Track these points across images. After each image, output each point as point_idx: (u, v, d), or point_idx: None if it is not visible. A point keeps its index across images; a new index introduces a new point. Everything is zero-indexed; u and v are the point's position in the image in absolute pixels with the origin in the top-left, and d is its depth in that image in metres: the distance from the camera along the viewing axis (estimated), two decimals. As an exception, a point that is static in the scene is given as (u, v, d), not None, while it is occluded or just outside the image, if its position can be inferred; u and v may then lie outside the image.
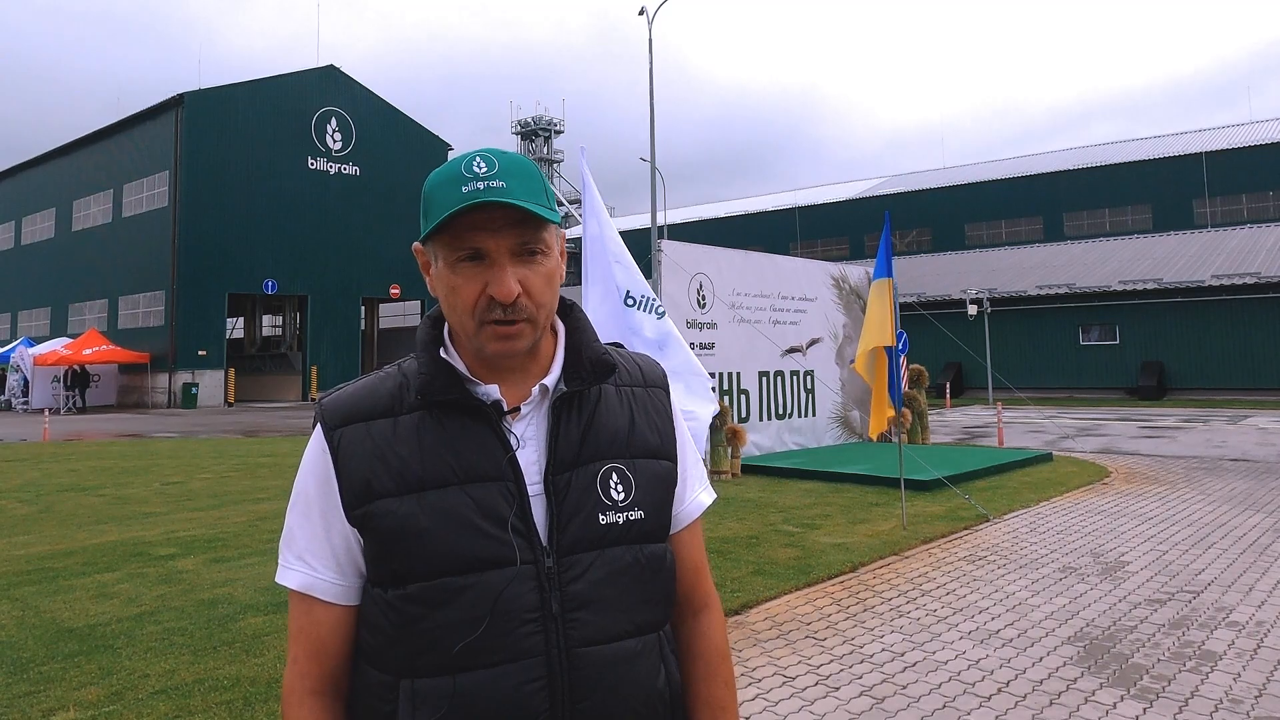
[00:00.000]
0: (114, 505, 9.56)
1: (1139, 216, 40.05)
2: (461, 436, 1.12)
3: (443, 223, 1.08)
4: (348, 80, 40.79)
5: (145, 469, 13.12)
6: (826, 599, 5.58)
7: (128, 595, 5.65)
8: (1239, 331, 27.56)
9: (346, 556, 1.13)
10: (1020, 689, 4.06)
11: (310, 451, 1.16)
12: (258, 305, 44.50)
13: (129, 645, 4.61)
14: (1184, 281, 28.67)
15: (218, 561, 6.59)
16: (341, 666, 1.15)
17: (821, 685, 4.14)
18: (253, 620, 5.05)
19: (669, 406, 1.28)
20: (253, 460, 14.13)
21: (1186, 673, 4.24)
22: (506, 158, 1.12)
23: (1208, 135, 42.20)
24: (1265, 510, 8.43)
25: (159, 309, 36.09)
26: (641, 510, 1.16)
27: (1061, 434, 17.00)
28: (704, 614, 1.30)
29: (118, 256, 38.79)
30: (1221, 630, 4.89)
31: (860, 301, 14.98)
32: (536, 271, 1.11)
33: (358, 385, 1.18)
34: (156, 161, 36.74)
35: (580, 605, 1.09)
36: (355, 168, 40.28)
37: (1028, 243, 41.88)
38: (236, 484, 11.14)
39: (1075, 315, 30.43)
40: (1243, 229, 34.79)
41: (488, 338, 1.11)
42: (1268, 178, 36.81)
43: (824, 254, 45.88)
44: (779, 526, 7.75)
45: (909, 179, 51.82)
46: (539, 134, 72.36)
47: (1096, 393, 29.65)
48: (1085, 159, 43.44)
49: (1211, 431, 17.17)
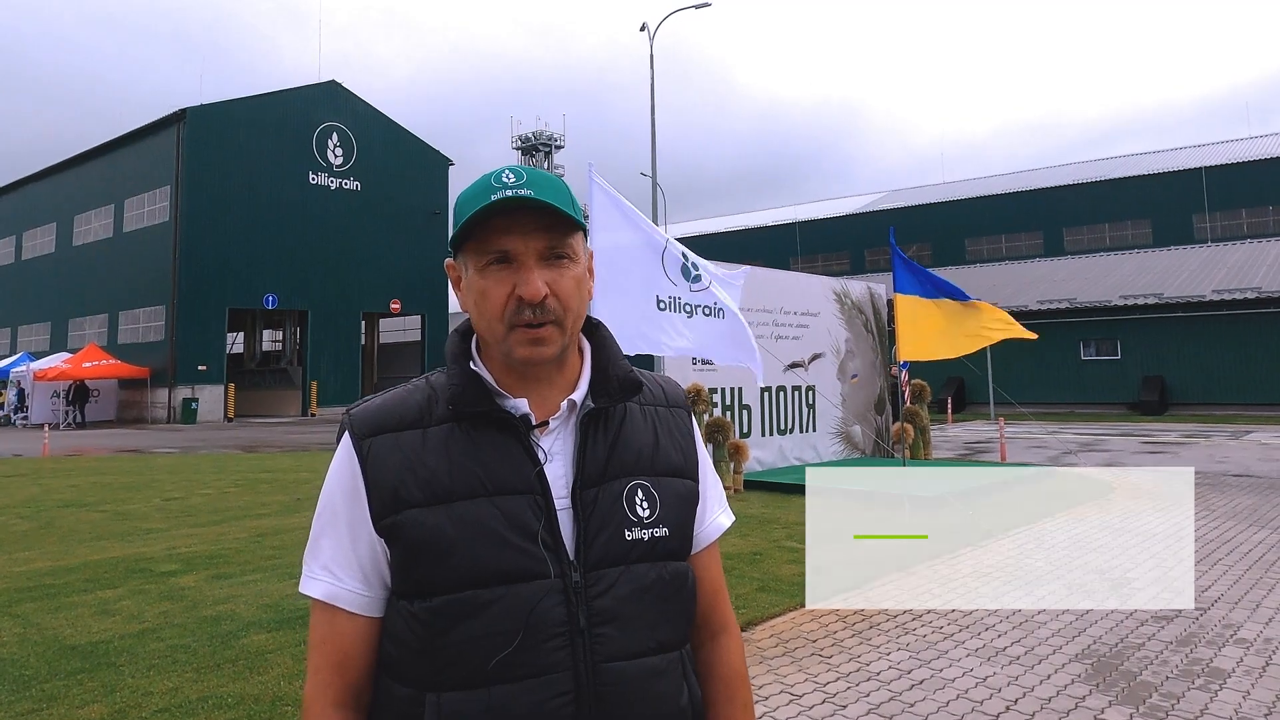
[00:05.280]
0: (115, 521, 9.52)
1: (1139, 231, 40.12)
2: (490, 449, 1.12)
3: (473, 230, 1.11)
4: (349, 95, 40.96)
5: (145, 484, 13.09)
6: (832, 616, 5.56)
7: (130, 612, 5.62)
8: (1240, 347, 27.55)
9: (372, 567, 1.13)
10: (1029, 707, 4.03)
11: (338, 461, 1.16)
12: (258, 320, 44.50)
13: (131, 663, 4.58)
14: (1185, 296, 28.69)
15: (220, 578, 6.56)
16: (364, 679, 1.14)
17: (829, 704, 4.11)
18: (256, 637, 5.02)
19: (691, 427, 1.29)
20: (253, 476, 14.09)
21: (1195, 690, 4.22)
22: (535, 172, 1.14)
23: (1207, 150, 42.31)
24: (1270, 526, 8.40)
25: (159, 324, 36.10)
26: (666, 528, 1.17)
27: (1064, 449, 16.97)
28: (723, 636, 1.30)
29: (118, 271, 38.83)
30: (1229, 647, 4.86)
31: (862, 317, 14.99)
32: (564, 275, 1.13)
33: (386, 397, 1.19)
34: (158, 176, 36.84)
35: (606, 620, 1.09)
36: (356, 183, 40.38)
37: (1028, 258, 41.92)
38: (237, 500, 11.11)
39: (1076, 330, 30.43)
40: (1243, 244, 34.84)
41: (516, 342, 1.11)
42: (1267, 193, 36.88)
43: (825, 269, 45.91)
44: (782, 543, 7.73)
45: (909, 194, 51.94)
46: (539, 149, 72.57)
47: (1098, 408, 29.61)
48: (1085, 174, 43.55)
49: (1214, 447, 17.13)
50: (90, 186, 41.66)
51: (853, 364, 14.60)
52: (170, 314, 35.15)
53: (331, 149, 39.69)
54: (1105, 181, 41.41)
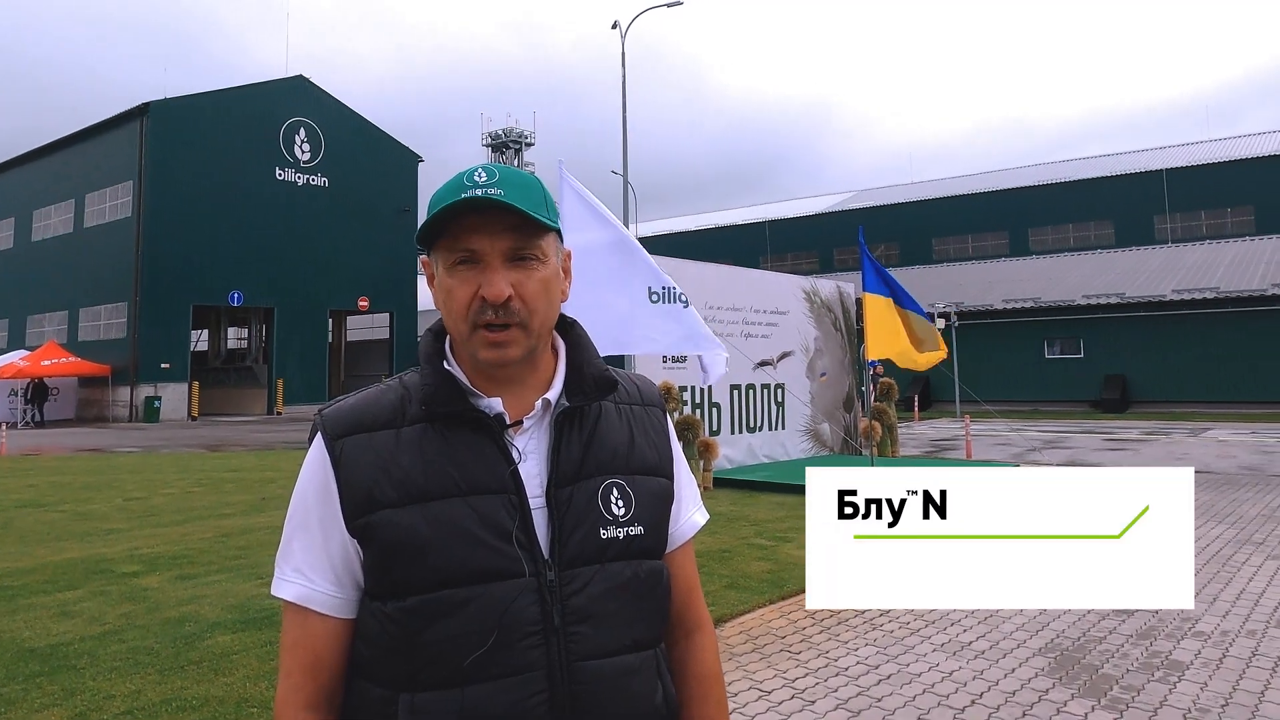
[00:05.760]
0: (75, 521, 9.35)
1: (1102, 232, 40.77)
2: (464, 448, 1.11)
3: (442, 228, 1.10)
4: (317, 91, 40.49)
5: (107, 484, 12.87)
6: (800, 612, 5.60)
7: (91, 614, 5.52)
8: (1199, 345, 28.13)
9: (345, 568, 1.12)
10: (993, 700, 4.09)
11: (310, 462, 1.14)
12: (223, 317, 43.89)
13: (92, 665, 4.50)
14: (1146, 296, 29.25)
15: (183, 579, 6.47)
16: (337, 681, 1.13)
17: (797, 699, 4.14)
18: (221, 638, 4.95)
19: (666, 425, 1.29)
20: (217, 475, 13.90)
21: (1155, 683, 4.30)
22: (508, 170, 1.14)
23: (1169, 153, 43.09)
24: (1226, 521, 8.58)
25: (121, 321, 35.43)
26: (641, 526, 1.16)
27: (1028, 446, 17.22)
28: (697, 635, 1.30)
29: (79, 267, 38.06)
30: (1188, 640, 4.96)
31: (831, 315, 15.10)
32: (531, 277, 1.12)
33: (359, 397, 1.18)
34: (120, 171, 36.15)
35: (581, 619, 1.09)
36: (324, 179, 39.93)
37: (994, 257, 42.45)
38: (201, 499, 10.95)
39: (1041, 329, 30.90)
40: (1202, 244, 35.58)
41: (479, 343, 1.11)
42: (1225, 195, 37.63)
43: (794, 267, 46.12)
44: (751, 540, 7.77)
45: (877, 194, 52.40)
46: (509, 146, 72.26)
47: (1061, 405, 30.08)
48: (1050, 175, 44.18)
49: (1173, 444, 17.48)
50: (50, 181, 40.75)
51: (821, 362, 14.71)
52: (133, 311, 34.52)
53: (299, 144, 39.21)
54: (1069, 183, 42.04)
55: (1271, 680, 4.32)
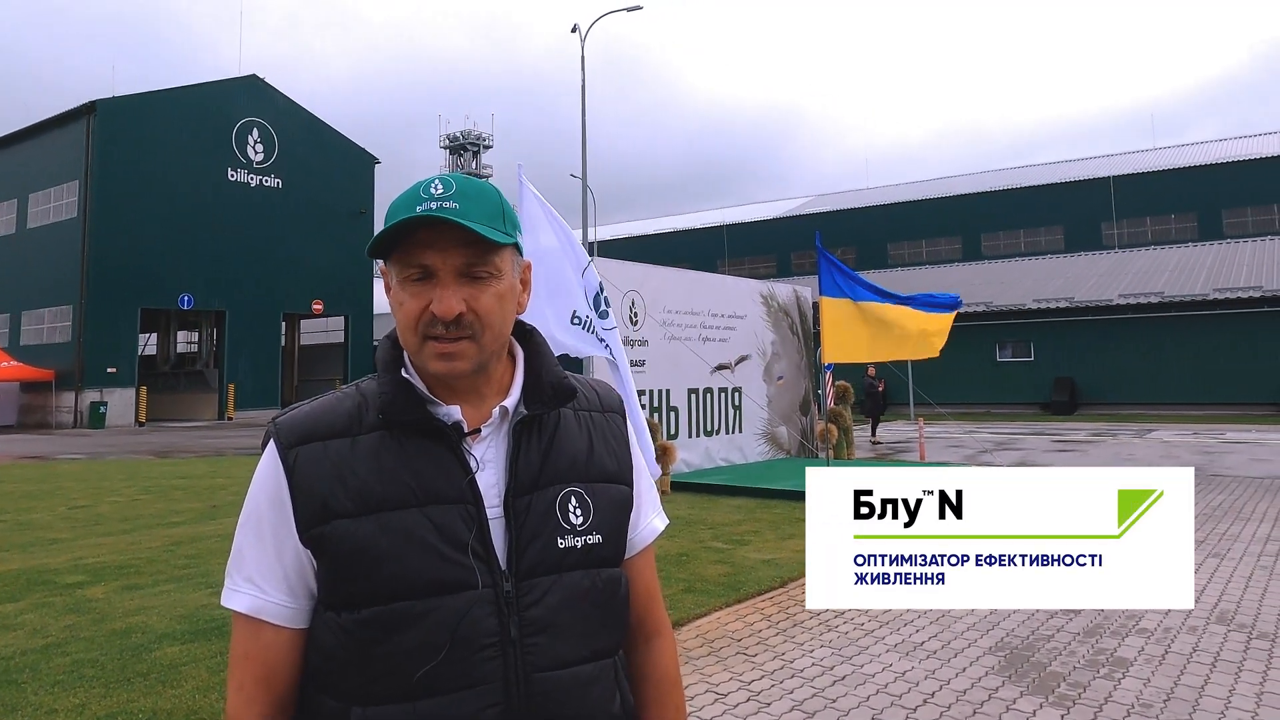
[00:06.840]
0: (15, 531, 9.09)
1: (1052, 237, 41.60)
2: (421, 458, 1.10)
3: (398, 241, 1.09)
4: (271, 90, 39.88)
5: (49, 492, 12.53)
6: (757, 615, 5.64)
7: (33, 626, 5.37)
8: (1145, 348, 28.88)
9: (298, 578, 1.10)
10: (945, 699, 4.16)
11: (262, 470, 1.13)
12: (173, 320, 42.93)
13: (34, 679, 4.38)
14: (1094, 300, 29.94)
15: (130, 589, 6.32)
16: (289, 692, 1.12)
17: (753, 701, 4.17)
18: (169, 650, 4.85)
19: (625, 432, 1.29)
20: (166, 483, 13.60)
21: (1100, 679, 4.40)
22: (466, 181, 1.12)
23: (1116, 160, 44.13)
24: (1170, 520, 8.81)
25: (65, 324, 34.52)
26: (599, 534, 1.16)
27: (980, 448, 17.52)
28: (656, 640, 1.31)
29: (21, 269, 37.03)
30: (1132, 637, 5.09)
31: (788, 319, 15.23)
32: (485, 291, 1.11)
33: (314, 405, 1.16)
34: (65, 171, 35.24)
35: (538, 630, 1.09)
36: (277, 180, 39.33)
37: (948, 262, 43.13)
38: (149, 507, 10.71)
39: (992, 333, 31.46)
40: (1147, 250, 36.52)
41: (429, 355, 1.10)
42: (1169, 202, 38.63)
43: (751, 271, 46.42)
44: (709, 543, 7.80)
45: (834, 199, 52.91)
46: (467, 149, 71.84)
47: (1012, 408, 30.65)
48: (1002, 181, 44.99)
49: (1120, 445, 17.90)
50: (-9, 181, 39.69)
51: (779, 365, 14.83)
52: (78, 314, 33.65)
53: (252, 145, 38.56)
54: (1021, 189, 42.84)
55: (1211, 675, 4.45)
